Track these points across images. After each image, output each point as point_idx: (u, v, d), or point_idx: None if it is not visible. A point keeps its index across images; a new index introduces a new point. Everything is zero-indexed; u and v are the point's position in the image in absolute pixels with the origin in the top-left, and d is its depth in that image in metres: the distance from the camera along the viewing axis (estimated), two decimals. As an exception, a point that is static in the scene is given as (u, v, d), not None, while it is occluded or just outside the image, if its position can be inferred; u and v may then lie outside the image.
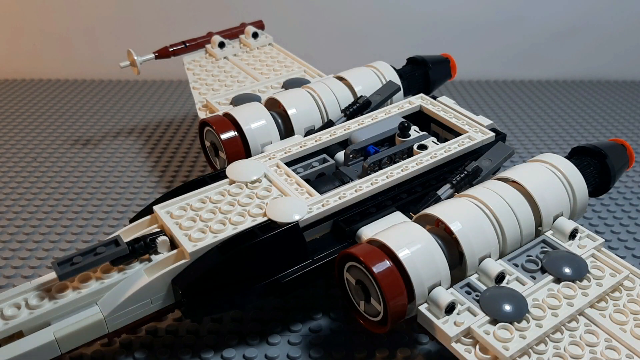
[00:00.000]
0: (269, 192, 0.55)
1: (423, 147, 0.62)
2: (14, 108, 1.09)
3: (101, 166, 0.88)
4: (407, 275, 0.46)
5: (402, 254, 0.46)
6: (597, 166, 0.60)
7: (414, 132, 0.65)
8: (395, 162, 0.60)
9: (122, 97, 1.14)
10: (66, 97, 1.14)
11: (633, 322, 0.46)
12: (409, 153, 0.62)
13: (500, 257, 0.51)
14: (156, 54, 0.88)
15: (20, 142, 0.96)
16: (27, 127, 1.01)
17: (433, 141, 0.63)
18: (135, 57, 0.84)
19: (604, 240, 0.53)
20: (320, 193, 0.55)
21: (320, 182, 0.60)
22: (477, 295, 0.47)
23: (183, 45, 0.89)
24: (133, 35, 1.20)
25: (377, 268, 0.45)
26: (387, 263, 0.46)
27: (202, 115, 0.74)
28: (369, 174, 0.58)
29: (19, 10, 1.21)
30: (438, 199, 0.55)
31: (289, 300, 0.61)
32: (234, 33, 0.93)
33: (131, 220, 0.55)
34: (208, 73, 0.84)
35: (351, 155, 0.62)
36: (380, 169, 0.59)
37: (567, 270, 0.49)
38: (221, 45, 0.89)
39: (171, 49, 0.88)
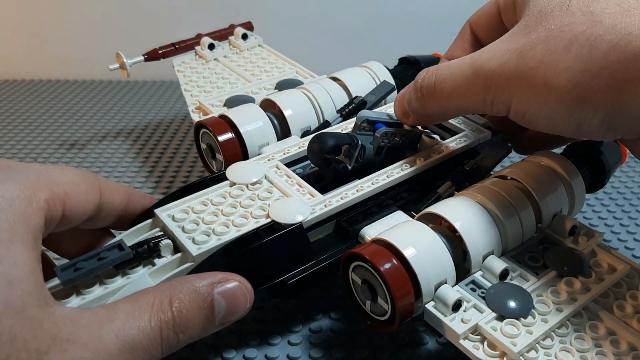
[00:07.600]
0: (270, 193, 0.55)
1: (430, 137, 0.62)
2: (13, 108, 1.08)
3: (101, 166, 0.87)
4: (413, 273, 0.46)
5: (408, 253, 0.46)
6: (593, 162, 0.61)
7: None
8: (402, 144, 0.60)
9: (122, 97, 1.14)
10: (65, 98, 1.13)
11: (635, 315, 0.47)
12: (416, 140, 0.62)
13: (503, 254, 0.51)
14: (145, 57, 0.87)
15: (20, 142, 0.95)
16: (27, 127, 1.01)
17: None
18: (125, 60, 0.84)
19: (602, 233, 0.54)
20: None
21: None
22: (482, 292, 0.48)
23: (172, 47, 0.88)
24: (133, 36, 1.19)
25: (385, 267, 0.46)
26: (394, 262, 0.46)
27: (196, 117, 0.73)
28: (380, 145, 0.58)
29: (18, 11, 1.19)
30: (439, 197, 0.56)
31: (289, 300, 0.61)
32: (223, 35, 0.92)
33: (131, 224, 0.55)
34: (199, 75, 0.84)
35: (362, 125, 0.60)
36: (390, 143, 0.59)
37: (568, 266, 0.50)
38: (211, 47, 0.88)
39: (160, 51, 0.87)
